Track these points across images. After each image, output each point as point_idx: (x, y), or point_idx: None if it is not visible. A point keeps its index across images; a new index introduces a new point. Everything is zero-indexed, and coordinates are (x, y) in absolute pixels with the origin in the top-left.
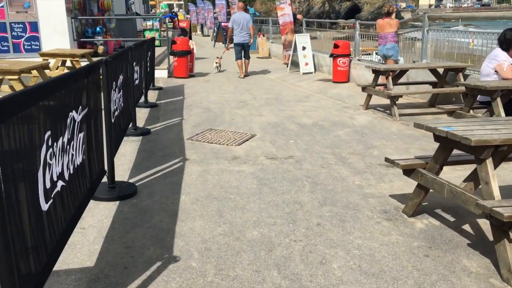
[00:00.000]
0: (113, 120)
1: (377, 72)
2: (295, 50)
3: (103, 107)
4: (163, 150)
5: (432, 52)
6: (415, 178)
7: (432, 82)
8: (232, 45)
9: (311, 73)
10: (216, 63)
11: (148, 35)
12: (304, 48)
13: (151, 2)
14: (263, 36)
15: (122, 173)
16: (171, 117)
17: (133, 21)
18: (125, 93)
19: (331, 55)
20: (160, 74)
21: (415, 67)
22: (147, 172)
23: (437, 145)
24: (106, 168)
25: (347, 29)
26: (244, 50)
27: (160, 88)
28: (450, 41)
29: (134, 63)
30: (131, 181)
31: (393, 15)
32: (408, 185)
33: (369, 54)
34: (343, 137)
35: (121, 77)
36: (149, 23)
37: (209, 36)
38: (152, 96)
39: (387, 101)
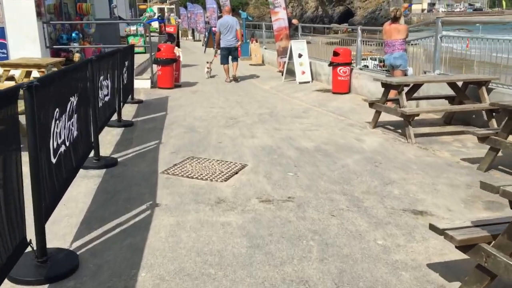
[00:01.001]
0: (54, 161)
1: (388, 86)
2: (290, 57)
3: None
4: (128, 191)
5: (444, 61)
6: (476, 258)
7: (448, 97)
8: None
9: (308, 82)
10: (207, 68)
11: (132, 40)
12: (300, 55)
13: (141, 6)
14: (256, 42)
15: (65, 231)
16: (147, 140)
17: (116, 26)
18: (82, 117)
19: (331, 64)
20: (143, 84)
21: (432, 80)
22: (100, 230)
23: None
24: (32, 238)
25: (340, 34)
26: (231, 55)
27: (140, 102)
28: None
29: (102, 77)
30: (75, 245)
31: (401, 20)
32: (448, 246)
33: (364, 59)
34: (353, 167)
35: (73, 99)
36: (133, 28)
37: (200, 41)
38: (129, 111)
39: (396, 118)
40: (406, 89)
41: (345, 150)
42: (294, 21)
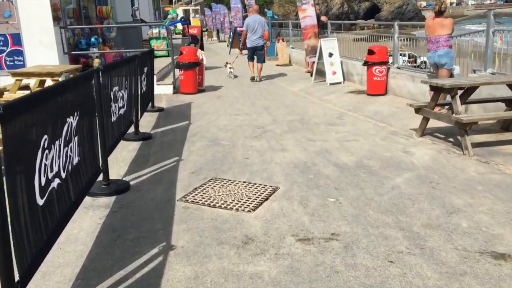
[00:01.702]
0: (42, 202)
1: (438, 90)
2: (320, 57)
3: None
4: (139, 227)
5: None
6: None
7: (506, 99)
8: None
9: (340, 83)
10: (230, 68)
11: (154, 44)
12: (331, 54)
13: (166, 8)
14: (283, 41)
15: (57, 286)
16: (165, 157)
17: (139, 29)
18: (87, 139)
19: (365, 63)
20: (164, 90)
21: (490, 81)
22: (99, 287)
23: None
24: None
25: (366, 30)
26: (256, 54)
27: (161, 110)
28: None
29: (116, 88)
30: None
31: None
32: None
33: (391, 55)
34: (405, 189)
35: (72, 120)
36: (156, 30)
37: (225, 41)
38: (149, 121)
39: (445, 124)
40: (459, 92)
41: (393, 166)
42: (323, 18)
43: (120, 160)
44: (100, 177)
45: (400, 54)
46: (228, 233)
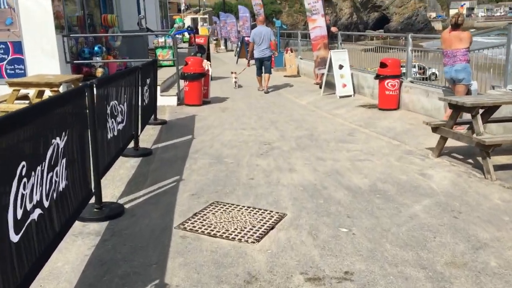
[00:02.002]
0: (17, 239)
1: (458, 108)
2: (330, 69)
3: None
4: (130, 260)
5: None
6: None
7: None
8: (253, 61)
9: (350, 96)
10: (235, 77)
11: (160, 53)
12: (341, 66)
13: (174, 17)
14: (291, 51)
15: None
16: (164, 176)
17: (145, 38)
18: (77, 160)
19: (377, 76)
20: (168, 101)
21: None
22: None
23: None
24: None
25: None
26: (264, 65)
27: (163, 123)
28: None
29: (115, 102)
30: None
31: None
32: None
33: (402, 66)
34: (425, 218)
35: (58, 141)
36: (161, 40)
37: (233, 51)
38: (150, 135)
39: (462, 143)
40: (481, 111)
41: (410, 191)
42: (333, 29)
43: (117, 179)
44: (93, 199)
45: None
46: (229, 270)
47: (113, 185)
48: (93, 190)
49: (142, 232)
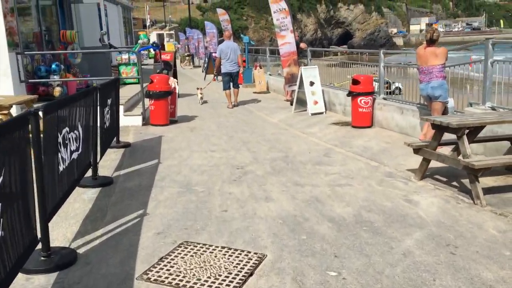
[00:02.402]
0: None
1: (442, 129)
2: (300, 85)
3: None
4: None
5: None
6: None
7: (509, 138)
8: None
9: (322, 113)
10: (200, 93)
11: (124, 70)
12: (312, 83)
13: (140, 33)
14: (260, 68)
15: None
16: (126, 210)
17: (107, 55)
18: (15, 203)
19: (350, 93)
20: (133, 121)
21: (503, 120)
22: None
23: None
24: None
25: (340, 55)
26: (233, 80)
27: (127, 145)
28: None
29: (66, 130)
30: None
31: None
32: None
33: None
34: (419, 256)
35: None
36: (125, 56)
37: (200, 67)
38: (112, 160)
39: (443, 164)
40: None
41: (398, 221)
42: (302, 45)
43: (71, 216)
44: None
45: (374, 80)
46: None
47: (66, 223)
48: (39, 236)
49: (97, 285)
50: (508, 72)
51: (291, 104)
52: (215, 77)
